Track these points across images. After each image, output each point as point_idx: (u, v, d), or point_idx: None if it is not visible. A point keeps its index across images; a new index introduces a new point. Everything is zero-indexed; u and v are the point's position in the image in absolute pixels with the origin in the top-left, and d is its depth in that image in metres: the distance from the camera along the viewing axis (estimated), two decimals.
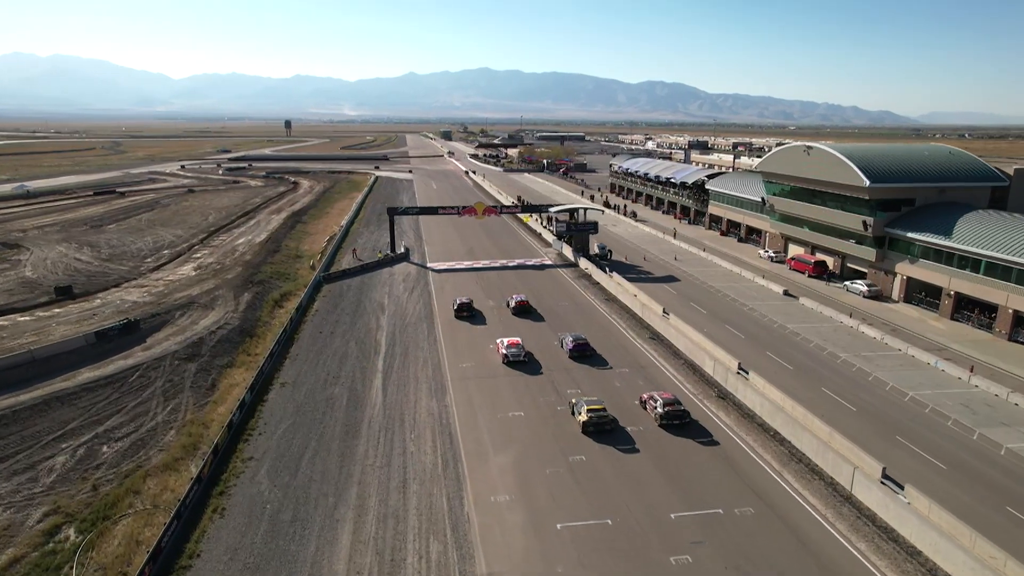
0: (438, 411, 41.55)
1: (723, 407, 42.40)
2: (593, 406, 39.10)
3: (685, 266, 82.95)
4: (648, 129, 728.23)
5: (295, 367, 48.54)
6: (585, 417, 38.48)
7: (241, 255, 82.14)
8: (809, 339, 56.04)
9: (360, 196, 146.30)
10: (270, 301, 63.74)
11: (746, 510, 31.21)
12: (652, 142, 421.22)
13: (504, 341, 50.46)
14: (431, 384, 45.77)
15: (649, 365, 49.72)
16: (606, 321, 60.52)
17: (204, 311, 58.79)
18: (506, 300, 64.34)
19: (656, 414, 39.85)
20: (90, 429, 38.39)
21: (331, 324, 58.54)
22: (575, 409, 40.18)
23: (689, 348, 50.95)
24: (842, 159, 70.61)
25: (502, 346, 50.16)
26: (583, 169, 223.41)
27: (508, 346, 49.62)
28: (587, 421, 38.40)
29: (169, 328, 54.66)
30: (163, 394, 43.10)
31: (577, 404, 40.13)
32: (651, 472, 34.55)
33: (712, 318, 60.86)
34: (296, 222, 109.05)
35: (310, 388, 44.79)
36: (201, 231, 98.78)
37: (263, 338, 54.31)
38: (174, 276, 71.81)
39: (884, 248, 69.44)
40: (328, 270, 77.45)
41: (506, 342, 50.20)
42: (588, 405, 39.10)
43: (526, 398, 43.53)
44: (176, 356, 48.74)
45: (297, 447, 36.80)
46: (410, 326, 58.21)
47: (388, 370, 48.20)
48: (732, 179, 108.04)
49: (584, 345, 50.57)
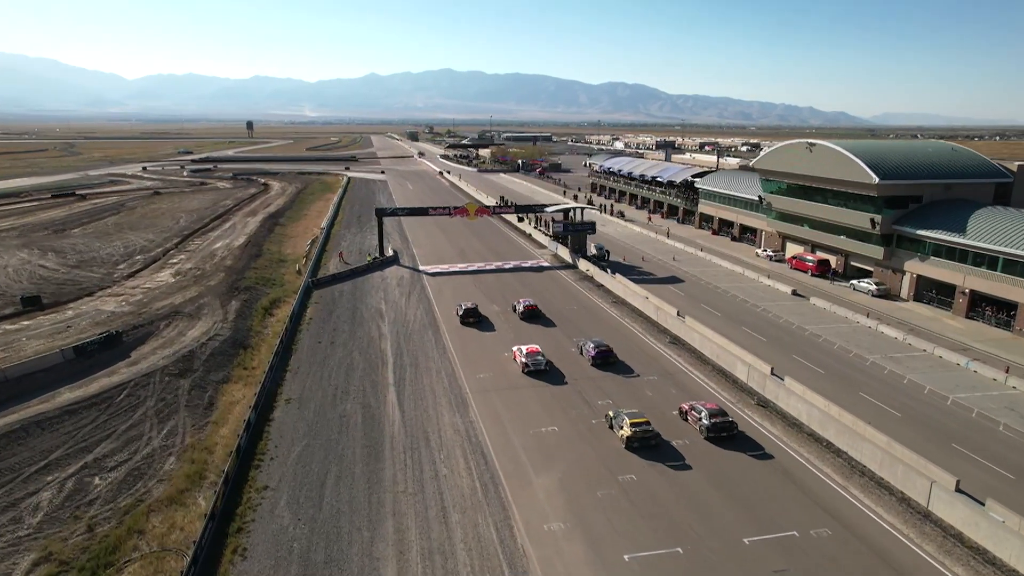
0: (464, 428, 38.27)
1: (766, 416, 39.99)
2: (636, 419, 36.22)
3: (685, 266, 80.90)
4: (614, 129, 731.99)
5: (298, 381, 44.71)
6: (629, 432, 35.62)
7: (221, 260, 77.39)
8: (831, 340, 54.18)
9: (335, 197, 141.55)
10: (259, 309, 59.55)
11: (822, 531, 28.68)
12: (620, 142, 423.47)
13: (523, 349, 47.20)
14: (450, 397, 42.43)
15: (677, 372, 47.13)
16: (620, 325, 57.85)
17: (190, 321, 54.38)
18: (512, 304, 61.26)
19: (701, 426, 37.22)
20: (77, 458, 34.18)
21: (329, 333, 54.70)
22: (614, 423, 37.33)
23: (716, 353, 48.51)
24: (849, 156, 69.18)
25: (520, 354, 46.94)
26: (558, 169, 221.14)
27: (528, 354, 46.35)
28: (631, 436, 35.55)
29: (154, 341, 50.21)
30: (156, 415, 38.94)
31: (617, 418, 37.28)
32: (709, 491, 31.84)
33: (728, 320, 58.65)
34: (274, 224, 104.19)
35: (319, 405, 41.07)
36: (174, 235, 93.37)
37: (258, 350, 50.29)
38: (152, 283, 66.91)
39: (892, 246, 68.22)
40: (316, 275, 73.34)
41: (525, 350, 46.91)
42: (631, 419, 36.25)
43: (556, 411, 40.51)
44: (166, 372, 44.45)
45: (316, 473, 33.16)
46: (415, 334, 54.70)
47: (400, 383, 44.70)
48: (723, 177, 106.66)
49: (607, 352, 47.71)
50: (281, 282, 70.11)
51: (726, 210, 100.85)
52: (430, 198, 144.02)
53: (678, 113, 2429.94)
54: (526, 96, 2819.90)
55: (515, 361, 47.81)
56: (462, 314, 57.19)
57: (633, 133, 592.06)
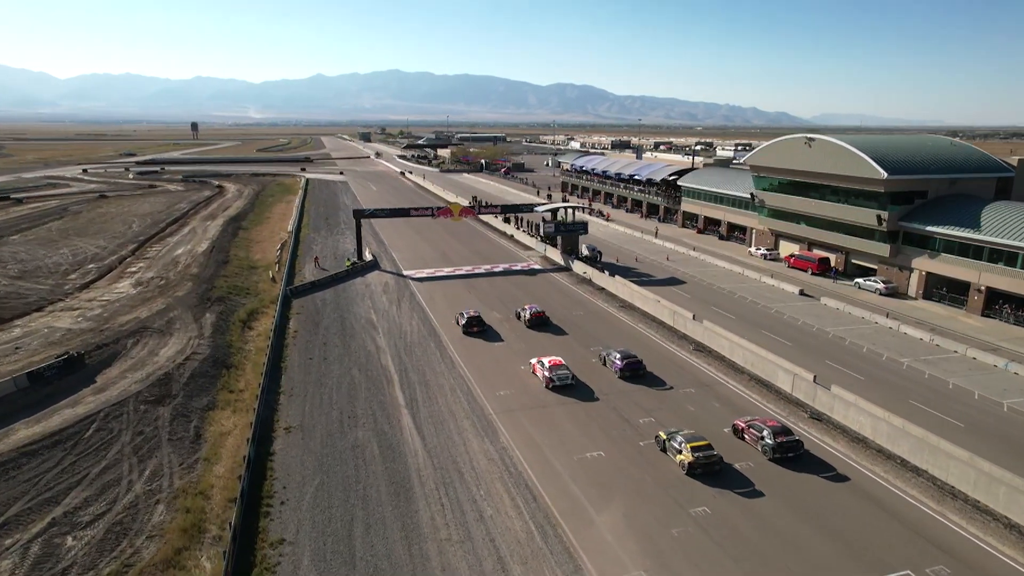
0: (498, 456, 33.66)
1: (825, 431, 36.52)
2: (697, 443, 32.28)
3: (681, 267, 77.75)
4: (567, 130, 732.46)
5: (296, 405, 39.33)
6: (691, 457, 31.64)
7: (186, 268, 70.59)
8: (858, 343, 51.44)
9: (297, 199, 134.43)
10: (237, 322, 53.60)
11: (939, 569, 25.16)
12: (575, 142, 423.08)
13: (544, 362, 42.64)
14: (473, 420, 37.73)
15: (712, 382, 43.43)
16: (634, 331, 53.98)
17: (162, 338, 48.14)
18: (516, 311, 56.79)
19: (764, 446, 33.50)
20: (43, 512, 28.30)
21: (320, 347, 49.26)
22: (669, 445, 33.34)
23: (750, 360, 44.98)
24: (854, 151, 66.97)
25: (542, 368, 42.45)
26: (522, 169, 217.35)
27: (551, 368, 41.86)
28: (693, 463, 31.58)
29: (122, 362, 43.92)
30: (134, 452, 33.14)
31: (672, 440, 33.27)
32: (795, 523, 28.04)
33: (744, 323, 55.41)
34: (237, 228, 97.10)
35: (326, 433, 35.85)
36: (128, 241, 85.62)
37: (243, 369, 44.59)
38: (111, 295, 59.96)
39: (898, 243, 66.29)
40: (292, 282, 67.43)
41: (547, 363, 42.37)
42: (690, 442, 32.29)
43: (595, 432, 36.25)
44: (141, 399, 38.47)
45: (339, 520, 28.09)
46: (415, 347, 49.71)
47: (413, 404, 39.76)
48: (707, 175, 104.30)
49: (637, 364, 43.60)
50: (256, 291, 64.00)
51: (712, 208, 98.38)
52: (396, 199, 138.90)
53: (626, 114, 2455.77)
54: (476, 97, 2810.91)
55: (535, 375, 43.37)
56: (465, 323, 52.41)
57: (586, 133, 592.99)
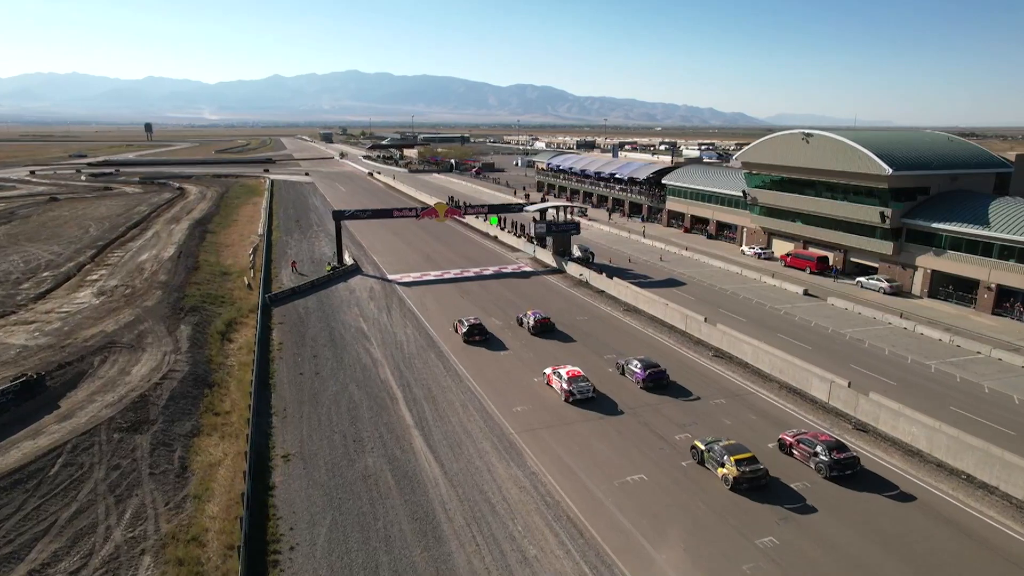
0: (529, 483, 30.09)
1: (875, 443, 33.87)
2: (741, 455, 29.56)
3: (677, 267, 75.18)
4: (531, 130, 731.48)
5: (292, 429, 35.15)
6: (735, 471, 28.88)
7: (153, 274, 65.19)
8: (878, 345, 49.28)
9: (264, 201, 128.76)
10: (215, 334, 48.91)
11: None
12: (540, 142, 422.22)
13: (562, 373, 39.13)
14: (492, 441, 34.10)
15: (742, 392, 40.55)
16: (646, 337, 50.94)
17: (133, 354, 43.26)
18: (517, 317, 53.28)
19: (819, 463, 30.65)
20: (2, 571, 23.80)
21: (310, 361, 45.01)
22: (708, 457, 30.65)
23: (778, 367, 42.25)
24: (856, 146, 65.21)
25: (559, 380, 38.98)
26: (492, 169, 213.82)
27: (570, 380, 38.41)
28: (739, 477, 28.82)
29: (89, 383, 39.02)
30: (111, 491, 28.65)
31: (711, 451, 30.57)
32: (874, 552, 25.16)
33: (756, 326, 52.82)
34: (204, 232, 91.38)
35: (330, 461, 31.81)
36: (86, 246, 79.43)
37: (226, 387, 40.15)
38: (70, 306, 54.51)
39: (901, 240, 64.73)
40: (270, 289, 62.77)
41: (565, 375, 38.87)
42: (733, 454, 29.53)
43: (630, 451, 32.96)
44: (114, 426, 33.82)
45: (362, 568, 24.21)
46: (415, 358, 45.80)
47: (423, 423, 35.94)
48: (693, 173, 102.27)
49: (661, 374, 40.40)
50: (231, 299, 59.18)
51: (699, 206, 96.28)
52: (368, 199, 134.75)
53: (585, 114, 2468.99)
54: (436, 98, 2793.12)
55: (551, 387, 39.96)
56: (466, 332, 48.68)
57: (549, 134, 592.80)
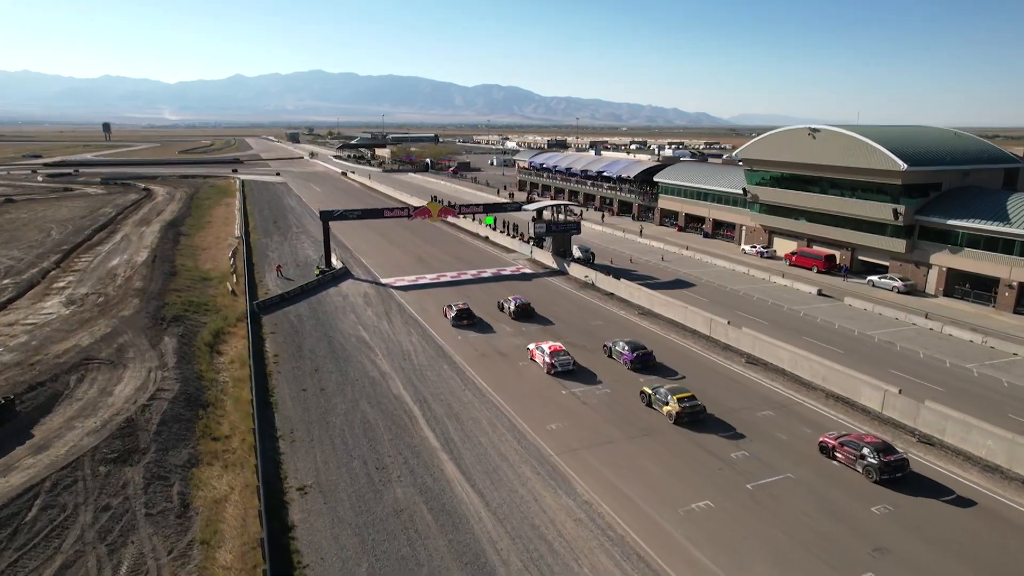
0: (585, 515, 26.67)
1: (946, 457, 31.20)
2: (681, 395, 34.99)
3: (680, 267, 72.53)
4: (501, 130, 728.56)
5: (303, 455, 31.21)
6: (678, 408, 34.37)
7: (127, 281, 60.09)
8: (911, 348, 47.07)
9: (237, 202, 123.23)
10: (202, 346, 44.47)
11: None
12: (511, 142, 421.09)
13: (545, 348, 42.00)
14: (532, 465, 30.60)
15: (787, 402, 37.71)
16: (669, 343, 47.90)
17: (114, 371, 38.69)
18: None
19: (867, 466, 28.93)
20: None
21: (311, 375, 40.97)
22: (655, 400, 35.97)
23: (820, 374, 39.50)
24: (868, 142, 63.23)
25: (541, 354, 41.89)
26: (468, 168, 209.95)
27: (552, 353, 41.35)
28: (680, 412, 34.29)
29: (66, 406, 34.44)
30: (101, 540, 24.46)
31: (657, 393, 35.90)
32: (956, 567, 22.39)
33: (780, 329, 50.23)
34: (177, 235, 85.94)
35: (353, 493, 27.98)
36: (49, 251, 73.58)
37: (223, 408, 35.94)
38: (37, 317, 49.39)
39: (914, 238, 62.97)
40: (256, 295, 58.35)
41: (547, 348, 41.80)
42: (675, 395, 34.99)
43: (688, 475, 29.76)
44: (99, 458, 29.47)
45: None
46: (426, 369, 42.06)
47: (450, 445, 32.30)
48: (686, 170, 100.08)
49: (648, 355, 42.70)
50: (215, 306, 54.60)
51: (694, 205, 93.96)
52: (345, 199, 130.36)
53: (552, 115, 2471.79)
54: (401, 98, 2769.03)
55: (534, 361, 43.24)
56: (455, 316, 50.83)
57: (518, 134, 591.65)
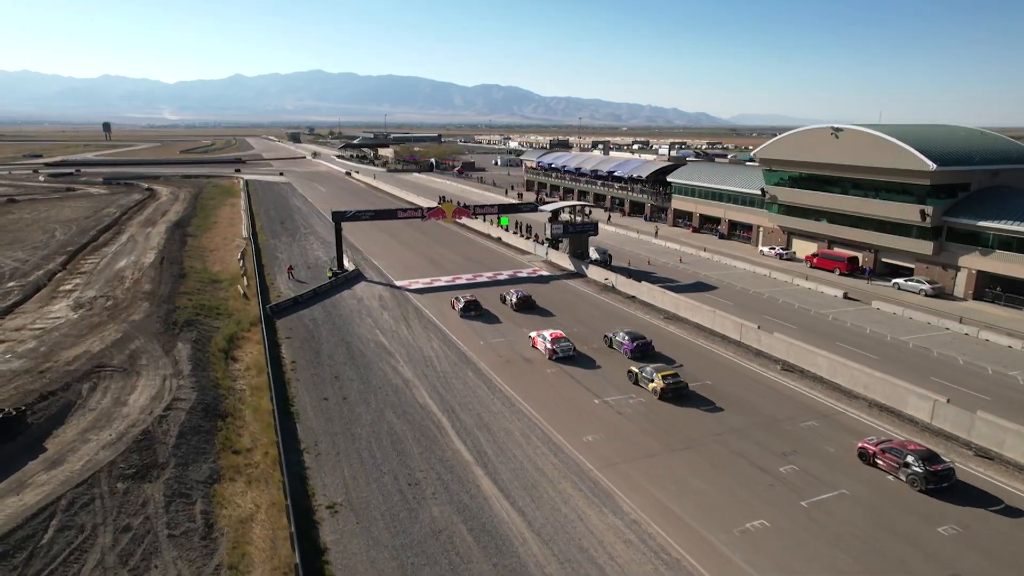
0: (635, 537, 25.11)
1: (1011, 474, 29.66)
2: (665, 372, 37.41)
3: (700, 269, 71.01)
4: (500, 130, 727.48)
5: (330, 470, 29.64)
6: (663, 384, 36.54)
7: (135, 283, 58.53)
8: (948, 354, 45.57)
9: (242, 202, 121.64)
10: (216, 352, 42.93)
11: None
12: (512, 142, 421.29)
13: (546, 335, 43.89)
14: (573, 480, 29.04)
15: (831, 412, 36.18)
16: (700, 348, 46.37)
17: (127, 379, 37.13)
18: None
19: (912, 475, 27.90)
20: None
21: (332, 383, 39.41)
22: (641, 378, 38.20)
23: (862, 383, 37.92)
24: (894, 141, 61.70)
25: (543, 340, 43.72)
26: (473, 168, 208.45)
27: (553, 340, 43.25)
28: (665, 388, 36.42)
29: (79, 417, 32.88)
30: (123, 564, 22.91)
31: (644, 372, 38.10)
32: None
33: (810, 334, 48.70)
34: (184, 235, 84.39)
35: (387, 512, 26.43)
36: (54, 252, 72.01)
37: (242, 418, 34.38)
38: (45, 321, 47.81)
39: (941, 239, 61.48)
40: (269, 299, 56.80)
41: (548, 336, 43.72)
42: (660, 372, 37.33)
43: (738, 490, 28.20)
44: (116, 474, 27.91)
45: None
46: (451, 377, 40.51)
47: (483, 459, 30.74)
48: (700, 170, 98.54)
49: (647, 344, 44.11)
50: (227, 310, 53.03)
51: (709, 205, 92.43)
52: (351, 199, 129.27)
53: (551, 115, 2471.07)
54: (401, 98, 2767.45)
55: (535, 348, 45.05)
56: (462, 308, 52.86)
57: (519, 133, 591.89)
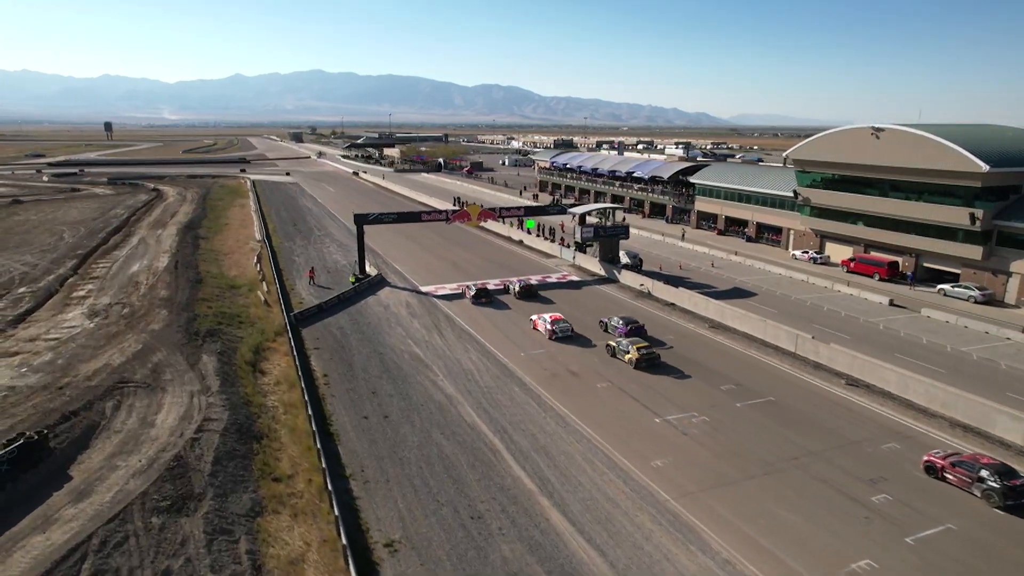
0: None
1: None
2: (640, 344, 40.67)
3: (734, 274, 68.47)
4: (503, 130, 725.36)
5: (381, 500, 27.08)
6: (637, 355, 39.73)
7: (151, 289, 55.94)
8: (1019, 368, 43.04)
9: (251, 203, 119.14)
10: (243, 365, 40.36)
11: None
12: (516, 142, 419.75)
13: (547, 317, 46.77)
14: (650, 513, 26.49)
15: (910, 432, 33.64)
16: (753, 360, 43.80)
17: (152, 396, 34.55)
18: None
19: (988, 491, 26.29)
20: None
21: (369, 399, 36.86)
22: (618, 351, 41.42)
23: (939, 400, 35.42)
24: (942, 142, 59.19)
25: (543, 322, 46.55)
26: (481, 168, 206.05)
27: (552, 321, 46.27)
28: (639, 359, 39.65)
29: (104, 441, 30.28)
30: None
31: (620, 345, 41.43)
32: None
33: (865, 344, 46.16)
34: (196, 238, 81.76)
35: (452, 551, 23.88)
36: (64, 255, 69.39)
37: (278, 439, 31.82)
38: (59, 331, 45.19)
39: (991, 244, 58.99)
40: (291, 305, 54.27)
41: (548, 318, 46.62)
42: (635, 344, 40.62)
43: (833, 525, 25.67)
44: (149, 505, 25.32)
45: None
46: (496, 392, 37.97)
47: (547, 487, 28.19)
48: (725, 171, 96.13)
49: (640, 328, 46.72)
50: (249, 319, 50.44)
51: (735, 207, 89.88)
52: (361, 200, 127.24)
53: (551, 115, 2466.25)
54: (401, 98, 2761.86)
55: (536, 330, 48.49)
56: (474, 295, 56.20)
57: (521, 133, 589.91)
